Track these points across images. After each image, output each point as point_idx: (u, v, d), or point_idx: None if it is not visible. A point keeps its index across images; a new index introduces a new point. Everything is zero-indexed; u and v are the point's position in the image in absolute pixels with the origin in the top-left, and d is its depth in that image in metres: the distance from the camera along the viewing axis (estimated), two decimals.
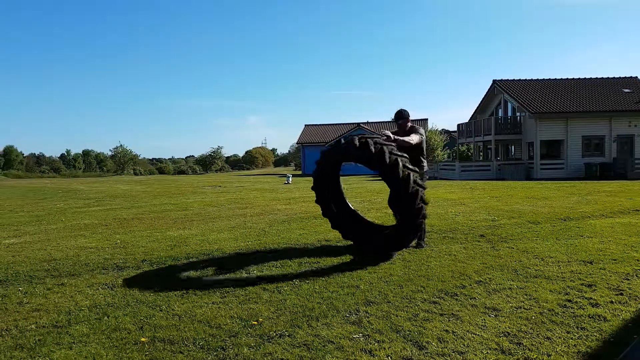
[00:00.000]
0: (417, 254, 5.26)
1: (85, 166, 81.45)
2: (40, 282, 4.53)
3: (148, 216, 9.71)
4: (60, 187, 25.00)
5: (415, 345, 2.85)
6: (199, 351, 2.83)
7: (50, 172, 66.13)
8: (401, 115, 5.69)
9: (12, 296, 4.07)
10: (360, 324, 3.20)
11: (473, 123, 29.88)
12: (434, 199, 11.45)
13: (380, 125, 43.47)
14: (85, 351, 2.86)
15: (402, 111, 5.69)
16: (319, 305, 3.58)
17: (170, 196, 15.66)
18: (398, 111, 5.70)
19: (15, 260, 5.47)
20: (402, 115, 5.69)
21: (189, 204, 12.18)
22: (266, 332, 3.09)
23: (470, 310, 3.45)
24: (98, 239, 6.93)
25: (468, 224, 7.25)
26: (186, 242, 6.39)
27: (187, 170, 71.17)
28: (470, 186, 16.38)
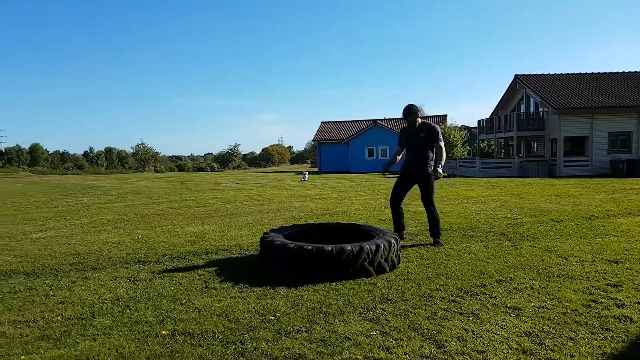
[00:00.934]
0: (436, 253, 5.22)
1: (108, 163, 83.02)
2: (65, 275, 4.64)
3: (168, 212, 9.85)
4: (84, 183, 25.55)
5: (433, 343, 2.83)
6: (218, 344, 2.87)
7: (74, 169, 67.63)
8: (410, 110, 5.42)
9: (38, 289, 4.18)
10: (377, 321, 3.20)
11: (494, 119, 29.46)
12: (453, 197, 11.35)
13: (398, 122, 43.20)
14: (109, 343, 2.92)
15: (410, 107, 5.42)
16: (336, 302, 3.58)
17: (189, 193, 15.85)
18: (406, 107, 5.43)
19: (41, 254, 5.62)
20: (410, 111, 5.42)
21: (207, 201, 12.31)
22: (284, 327, 3.11)
23: (490, 309, 3.41)
24: (120, 234, 7.07)
25: (489, 222, 7.16)
26: (205, 238, 6.46)
27: (206, 167, 71.95)
28: (491, 183, 16.16)
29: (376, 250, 4.28)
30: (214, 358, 2.68)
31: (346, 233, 5.29)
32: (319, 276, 4.12)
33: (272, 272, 4.38)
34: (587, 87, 25.95)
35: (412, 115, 5.42)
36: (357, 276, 4.18)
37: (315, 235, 5.30)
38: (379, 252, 4.31)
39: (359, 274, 4.20)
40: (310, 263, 4.15)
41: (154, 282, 4.30)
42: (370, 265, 4.25)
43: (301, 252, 4.16)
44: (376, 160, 38.89)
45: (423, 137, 5.47)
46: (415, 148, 5.56)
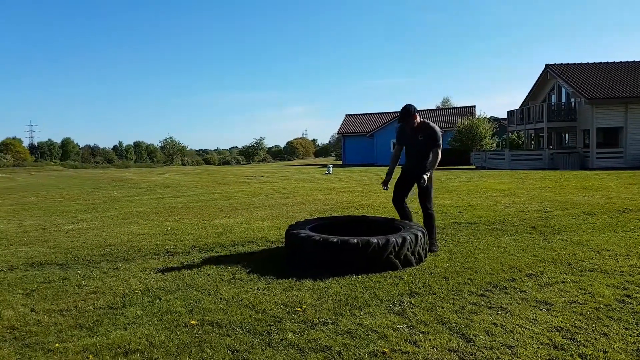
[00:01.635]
0: (464, 246, 5.15)
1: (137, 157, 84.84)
2: (97, 266, 4.77)
3: (196, 205, 10.00)
4: (114, 177, 26.18)
5: (462, 337, 2.80)
6: (246, 335, 2.90)
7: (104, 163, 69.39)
8: (407, 112, 5.04)
9: (71, 279, 4.31)
10: (404, 314, 3.17)
11: (524, 110, 28.77)
12: (482, 190, 11.16)
13: (424, 113, 42.69)
14: (139, 332, 2.99)
15: (408, 108, 5.04)
16: (362, 295, 3.57)
17: (216, 186, 16.06)
18: (404, 108, 5.07)
19: (73, 245, 5.79)
20: (408, 112, 5.03)
21: (233, 194, 12.44)
22: (310, 319, 3.12)
23: (520, 303, 3.35)
24: (150, 226, 7.22)
25: (518, 215, 7.01)
26: (232, 230, 6.54)
27: (231, 160, 72.76)
28: (520, 176, 15.82)
29: (402, 243, 4.24)
30: (242, 348, 2.71)
31: (373, 226, 5.25)
32: (345, 269, 4.11)
33: (298, 264, 4.39)
34: (621, 77, 25.03)
35: (410, 116, 5.07)
36: (384, 269, 4.16)
37: (342, 228, 5.28)
38: (406, 245, 4.27)
39: (385, 267, 4.17)
40: (336, 256, 4.14)
41: (182, 273, 4.38)
42: (396, 258, 4.22)
43: (326, 244, 4.16)
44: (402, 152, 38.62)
45: (422, 140, 5.11)
46: (414, 151, 5.25)
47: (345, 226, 5.37)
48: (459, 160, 29.80)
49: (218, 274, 4.28)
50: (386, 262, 4.18)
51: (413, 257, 4.37)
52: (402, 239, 4.27)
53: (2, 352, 2.73)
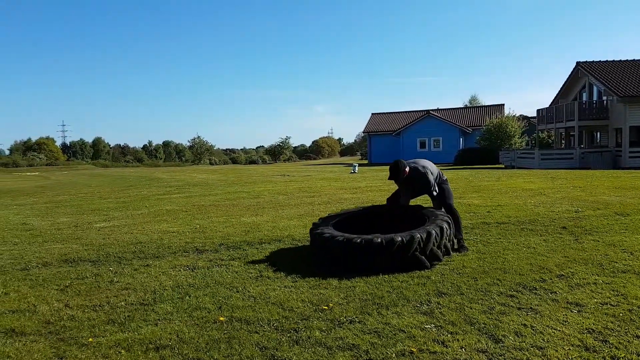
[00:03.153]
0: (493, 246, 5.07)
1: (166, 156, 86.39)
2: (128, 263, 4.90)
3: (224, 203, 10.14)
4: (144, 175, 26.76)
5: (490, 338, 2.76)
6: (273, 332, 2.94)
7: (134, 162, 70.93)
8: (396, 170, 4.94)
9: (103, 275, 4.44)
10: (431, 314, 3.15)
11: (554, 108, 28.06)
12: (511, 189, 10.95)
13: (452, 112, 42.12)
14: (170, 328, 3.06)
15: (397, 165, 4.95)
16: (389, 294, 3.56)
17: (242, 184, 16.23)
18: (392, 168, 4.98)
19: (105, 243, 5.95)
20: (397, 170, 4.93)
21: (260, 192, 12.55)
22: (337, 317, 3.13)
23: (550, 305, 3.28)
24: (179, 223, 7.36)
25: (549, 215, 6.85)
26: (259, 228, 6.60)
27: (258, 159, 73.30)
28: (551, 175, 15.44)
29: (427, 238, 4.19)
30: (270, 345, 2.75)
31: (397, 217, 5.17)
32: (371, 268, 4.09)
33: (323, 264, 4.40)
34: None
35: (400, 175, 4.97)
36: (410, 267, 4.12)
37: (366, 221, 5.22)
38: (431, 239, 4.21)
39: (412, 265, 4.14)
40: (360, 255, 4.12)
41: (211, 270, 4.46)
42: (422, 254, 4.18)
43: (350, 245, 4.14)
44: (429, 152, 38.13)
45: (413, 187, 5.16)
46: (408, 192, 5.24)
47: (370, 219, 5.30)
48: (487, 159, 29.29)
49: (246, 272, 4.33)
50: (412, 259, 4.14)
51: (439, 250, 4.31)
52: (426, 233, 4.20)
53: (38, 346, 2.84)
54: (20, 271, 4.69)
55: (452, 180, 14.41)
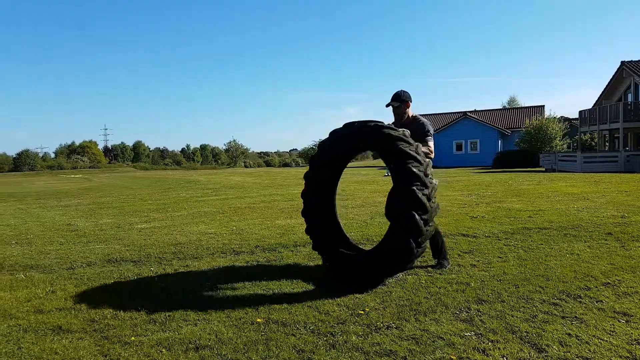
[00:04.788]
0: (534, 253, 4.91)
1: (203, 159, 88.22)
2: (168, 263, 5.02)
3: (259, 205, 10.26)
4: (182, 178, 27.42)
5: (533, 347, 2.67)
6: (310, 335, 2.94)
7: (172, 165, 72.80)
8: (398, 96, 4.32)
9: (144, 275, 4.57)
10: (471, 322, 3.08)
11: (597, 109, 27.01)
12: (552, 193, 10.61)
13: (489, 113, 41.20)
14: (209, 328, 3.11)
15: (400, 92, 4.34)
16: (426, 300, 3.50)
17: (277, 187, 16.38)
18: (395, 93, 4.35)
19: (146, 243, 6.13)
20: (399, 97, 4.31)
21: (294, 195, 12.62)
22: (373, 323, 3.11)
23: (596, 314, 3.15)
24: (216, 225, 7.49)
25: (593, 221, 6.59)
26: (293, 231, 6.64)
27: (291, 162, 73.88)
28: (594, 179, 14.86)
29: None
30: (307, 348, 2.75)
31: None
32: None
33: None
34: None
35: (399, 102, 4.30)
36: None
37: None
38: None
39: None
40: None
41: (248, 271, 4.51)
42: None
43: None
44: (465, 154, 37.42)
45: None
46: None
47: None
48: (526, 162, 28.44)
49: (281, 274, 4.36)
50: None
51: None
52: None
53: (83, 343, 2.94)
54: (66, 270, 4.88)
55: (490, 184, 14.10)
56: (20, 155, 65.21)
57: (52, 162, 65.53)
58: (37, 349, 2.87)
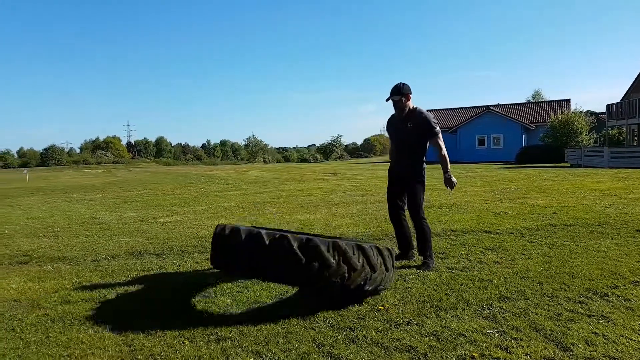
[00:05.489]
0: (560, 250, 4.81)
1: (223, 154, 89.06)
2: (190, 256, 5.08)
3: (278, 200, 10.30)
4: (203, 173, 27.73)
5: (558, 346, 2.62)
6: (329, 329, 2.94)
7: (193, 160, 73.70)
8: (398, 89, 4.15)
9: (167, 268, 4.64)
10: (494, 319, 3.03)
11: (626, 103, 26.27)
12: (578, 189, 10.38)
13: (513, 107, 40.46)
14: (230, 320, 3.13)
15: (399, 85, 4.17)
16: (448, 297, 3.46)
17: (295, 182, 16.42)
18: (395, 85, 4.19)
19: (169, 237, 6.21)
20: (398, 90, 4.14)
21: (312, 190, 12.64)
22: (393, 318, 3.09)
23: (624, 312, 3.07)
24: (236, 219, 7.55)
25: (621, 218, 6.42)
26: (312, 226, 6.65)
27: (309, 158, 73.96)
28: (622, 175, 14.47)
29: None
30: (326, 342, 2.75)
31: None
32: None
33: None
34: None
35: (399, 96, 4.14)
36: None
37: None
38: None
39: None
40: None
41: None
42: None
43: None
44: (488, 149, 36.83)
45: (411, 128, 4.22)
46: (401, 143, 4.37)
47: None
48: (551, 157, 27.87)
49: None
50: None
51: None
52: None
53: (108, 334, 3.00)
54: (92, 262, 4.99)
55: (514, 180, 13.86)
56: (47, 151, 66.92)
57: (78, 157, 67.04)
58: (65, 338, 2.94)
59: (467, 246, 5.10)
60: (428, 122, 4.19)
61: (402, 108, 4.21)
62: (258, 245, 3.04)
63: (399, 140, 4.39)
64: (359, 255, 3.12)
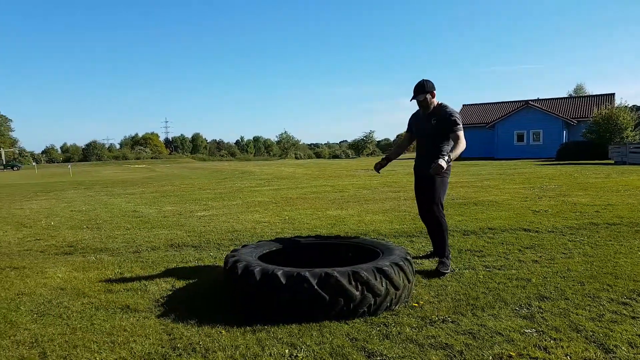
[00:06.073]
0: (602, 249, 4.65)
1: (255, 150, 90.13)
2: (226, 249, 5.19)
3: (310, 196, 10.36)
4: (237, 169, 28.16)
5: (600, 347, 2.54)
6: (363, 324, 2.95)
7: (227, 156, 74.91)
8: (422, 88, 4.01)
9: (205, 260, 4.75)
10: (532, 318, 2.97)
11: None
12: (623, 187, 9.97)
13: (553, 102, 39.13)
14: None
15: (423, 83, 4.02)
16: (484, 296, 3.41)
17: (327, 178, 16.45)
18: (418, 83, 4.05)
19: (205, 230, 6.36)
20: (423, 88, 4.01)
21: (344, 186, 12.64)
22: (428, 316, 3.06)
23: None
24: (270, 214, 7.65)
25: None
26: (344, 222, 6.66)
27: (341, 154, 73.85)
28: None
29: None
30: (360, 337, 2.76)
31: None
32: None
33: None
34: None
35: (424, 94, 4.02)
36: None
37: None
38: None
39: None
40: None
41: None
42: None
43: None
44: (527, 145, 35.77)
45: (434, 124, 4.09)
46: (424, 139, 4.25)
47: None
48: (594, 154, 26.84)
49: None
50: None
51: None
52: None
53: (149, 322, 3.10)
54: (133, 254, 5.17)
55: (554, 177, 13.45)
56: (89, 146, 69.46)
57: (117, 152, 69.27)
58: (108, 325, 3.06)
59: (505, 244, 5.00)
60: (451, 115, 4.04)
61: (427, 106, 4.10)
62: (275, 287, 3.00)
63: (422, 136, 4.29)
64: (381, 280, 3.08)
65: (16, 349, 2.75)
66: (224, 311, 3.24)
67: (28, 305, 3.50)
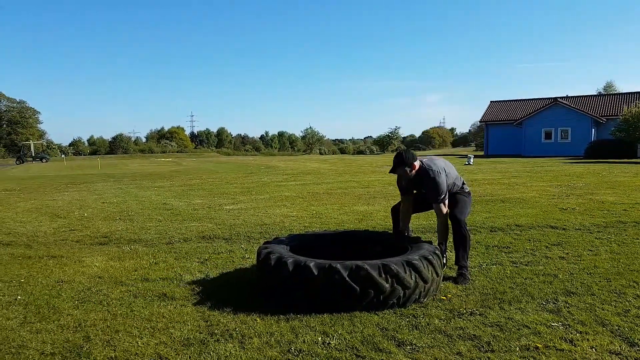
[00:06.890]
0: (629, 247, 4.64)
1: (280, 146, 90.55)
2: (256, 242, 5.35)
3: (336, 192, 10.47)
4: (262, 164, 28.46)
5: (625, 341, 2.59)
6: (392, 315, 3.05)
7: (252, 151, 75.53)
8: (401, 162, 3.80)
9: (236, 252, 4.92)
10: (559, 313, 3.03)
11: None
12: None
13: (582, 99, 38.23)
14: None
15: (402, 156, 3.82)
16: (511, 290, 3.47)
17: (352, 174, 16.52)
18: (397, 156, 3.88)
19: (235, 223, 6.54)
20: (402, 162, 3.79)
21: (370, 182, 12.70)
22: (456, 308, 3.15)
23: None
24: (297, 209, 7.80)
25: None
26: (371, 217, 6.75)
27: (365, 150, 73.55)
28: None
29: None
30: (390, 327, 2.87)
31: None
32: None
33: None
34: None
35: (402, 168, 3.81)
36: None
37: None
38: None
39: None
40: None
41: None
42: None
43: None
44: (555, 143, 35.03)
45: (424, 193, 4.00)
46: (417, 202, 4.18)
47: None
48: (623, 152, 26.14)
49: None
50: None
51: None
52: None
53: (186, 309, 3.26)
54: (166, 245, 5.37)
55: (582, 175, 13.22)
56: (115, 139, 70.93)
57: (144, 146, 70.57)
58: (147, 312, 3.23)
59: (532, 241, 5.02)
60: (434, 187, 3.84)
61: (407, 177, 3.90)
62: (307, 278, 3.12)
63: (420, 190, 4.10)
64: (410, 273, 3.17)
65: (61, 332, 2.92)
66: (258, 300, 3.38)
67: (69, 292, 3.69)
